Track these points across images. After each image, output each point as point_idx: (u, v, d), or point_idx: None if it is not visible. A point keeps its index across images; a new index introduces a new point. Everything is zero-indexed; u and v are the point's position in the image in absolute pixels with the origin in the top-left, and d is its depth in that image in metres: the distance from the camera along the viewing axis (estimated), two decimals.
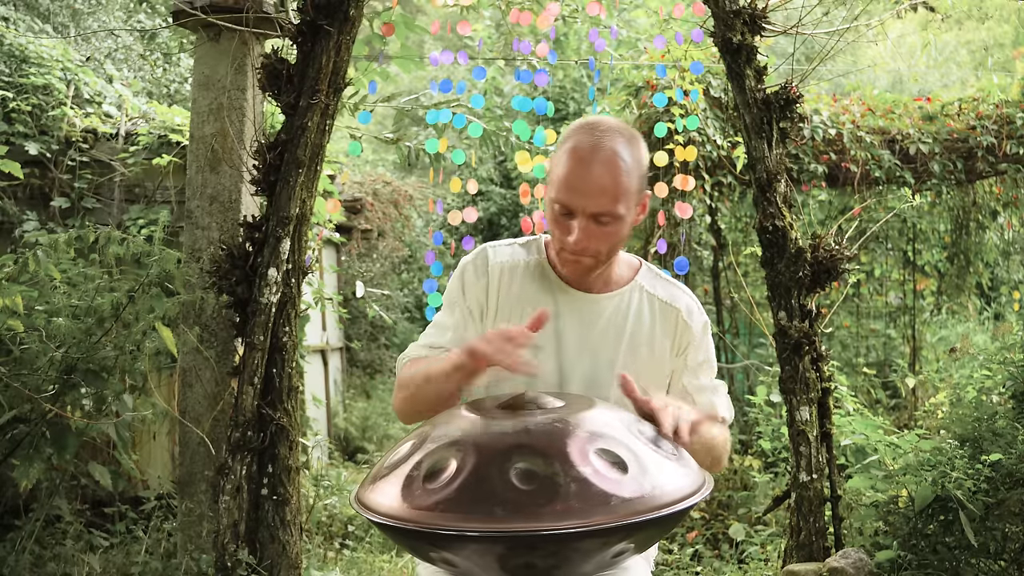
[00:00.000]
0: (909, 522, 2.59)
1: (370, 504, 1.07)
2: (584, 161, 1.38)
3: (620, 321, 1.53)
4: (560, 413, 1.12)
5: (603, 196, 1.38)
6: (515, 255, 1.56)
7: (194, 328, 2.91)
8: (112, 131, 4.51)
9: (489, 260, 1.55)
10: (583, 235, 1.40)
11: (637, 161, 1.43)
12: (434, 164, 4.14)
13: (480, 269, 1.54)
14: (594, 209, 1.39)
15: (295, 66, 2.69)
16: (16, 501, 3.31)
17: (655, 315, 1.56)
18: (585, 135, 1.41)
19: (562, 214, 1.41)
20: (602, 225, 1.40)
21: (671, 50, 4.48)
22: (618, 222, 1.41)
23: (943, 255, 6.67)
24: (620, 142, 1.40)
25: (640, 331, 1.54)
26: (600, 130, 1.41)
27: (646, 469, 1.04)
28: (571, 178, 1.39)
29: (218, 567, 2.57)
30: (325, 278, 6.42)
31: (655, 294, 1.57)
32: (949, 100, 5.65)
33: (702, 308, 1.62)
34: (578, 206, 1.39)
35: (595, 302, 1.53)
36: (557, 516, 0.96)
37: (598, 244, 1.42)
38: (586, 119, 1.48)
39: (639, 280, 1.58)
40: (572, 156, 1.40)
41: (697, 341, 1.58)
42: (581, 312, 1.52)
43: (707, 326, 1.61)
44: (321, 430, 6.18)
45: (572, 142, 1.41)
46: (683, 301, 1.58)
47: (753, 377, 5.66)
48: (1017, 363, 2.88)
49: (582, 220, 1.40)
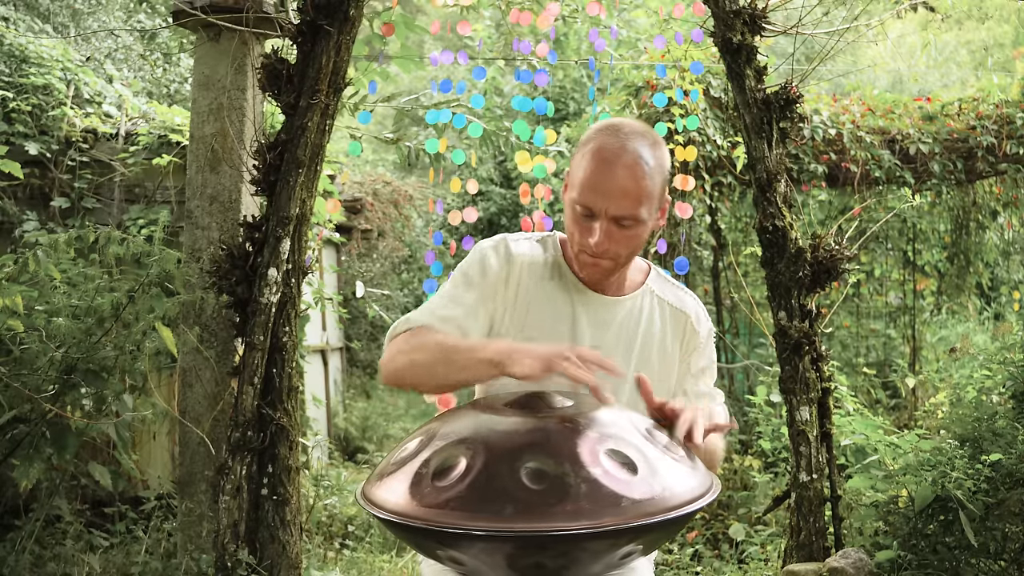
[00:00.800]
0: (909, 522, 2.59)
1: (377, 501, 1.06)
2: (607, 163, 1.37)
3: (632, 325, 1.53)
4: (570, 413, 1.11)
5: (625, 199, 1.37)
6: (534, 251, 1.53)
7: (194, 328, 2.91)
8: (112, 131, 4.51)
9: (512, 251, 1.50)
10: (604, 238, 1.38)
11: (660, 165, 1.41)
12: (434, 164, 4.14)
13: (503, 257, 1.49)
14: (616, 212, 1.37)
15: (295, 66, 2.69)
16: (16, 501, 3.31)
17: (665, 320, 1.56)
18: (610, 137, 1.39)
19: (583, 216, 1.40)
20: (623, 228, 1.39)
21: (671, 50, 4.48)
22: (639, 226, 1.40)
23: (943, 255, 6.67)
24: (644, 145, 1.39)
25: (651, 335, 1.54)
26: (624, 132, 1.39)
27: (656, 470, 1.04)
28: (594, 180, 1.37)
29: (218, 567, 2.57)
30: (325, 278, 6.42)
31: (665, 299, 1.57)
32: (949, 100, 5.65)
33: (707, 313, 1.63)
34: (600, 208, 1.37)
35: (609, 305, 1.52)
36: (567, 516, 0.96)
37: (618, 247, 1.41)
38: (609, 121, 1.45)
39: (649, 284, 1.58)
40: (595, 157, 1.38)
41: (702, 347, 1.59)
42: (596, 314, 1.52)
43: (712, 333, 1.62)
44: (321, 430, 6.18)
45: (595, 143, 1.39)
46: (692, 307, 1.59)
47: (753, 377, 5.66)
48: (1017, 363, 2.87)
49: (603, 222, 1.38)
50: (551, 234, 1.59)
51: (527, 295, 1.50)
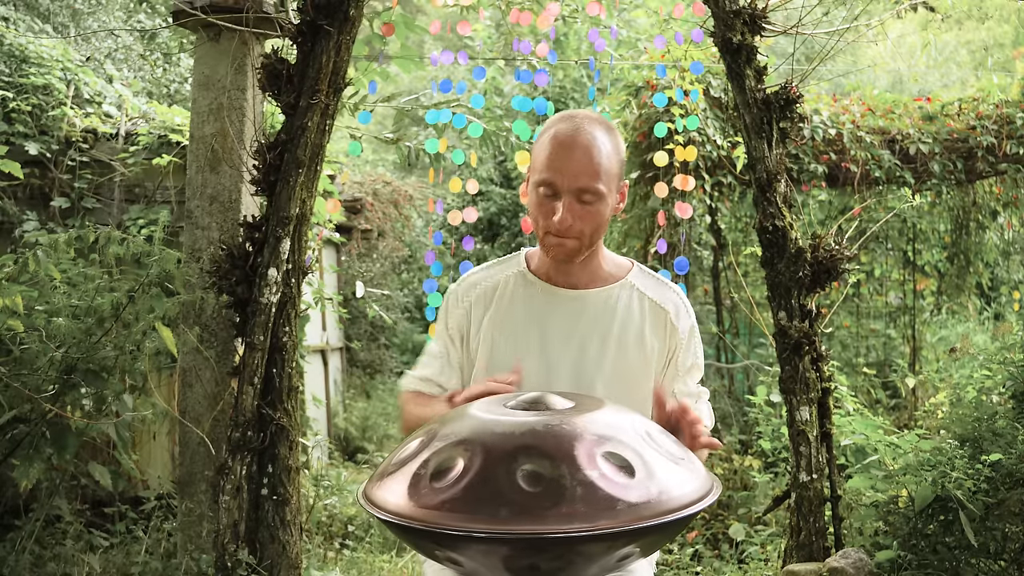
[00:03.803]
0: (909, 522, 2.59)
1: (377, 501, 1.06)
2: (565, 145, 1.46)
3: (607, 316, 1.55)
4: (568, 415, 1.11)
5: (585, 173, 1.44)
6: (492, 276, 1.62)
7: (194, 328, 2.91)
8: (112, 131, 4.51)
9: (471, 284, 1.63)
10: (567, 213, 1.45)
11: (616, 148, 1.50)
12: (434, 164, 4.14)
13: (460, 296, 1.62)
14: (577, 184, 1.44)
15: (295, 66, 2.69)
16: (16, 501, 3.31)
17: (645, 314, 1.57)
18: (566, 123, 1.48)
19: (546, 196, 1.47)
20: (585, 204, 1.45)
21: (671, 50, 4.48)
22: (600, 201, 1.46)
23: (943, 255, 6.67)
24: (599, 129, 1.48)
25: (629, 328, 1.55)
26: (579, 119, 1.49)
27: (653, 473, 1.04)
28: (554, 159, 1.46)
29: (218, 567, 2.57)
30: (325, 278, 6.42)
31: (646, 293, 1.59)
32: (949, 100, 5.65)
33: (691, 309, 1.64)
34: (562, 183, 1.45)
35: (580, 297, 1.56)
36: (563, 519, 0.95)
37: (582, 224, 1.46)
38: (565, 112, 1.55)
39: (630, 279, 1.59)
40: (554, 141, 1.47)
41: (685, 344, 1.60)
42: (567, 308, 1.55)
43: (694, 328, 1.62)
44: (321, 430, 6.18)
45: (553, 130, 1.49)
46: (672, 303, 1.60)
47: (753, 377, 5.66)
48: (1017, 363, 2.87)
49: (566, 198, 1.45)
50: (515, 253, 1.66)
51: (491, 315, 1.57)
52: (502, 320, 1.55)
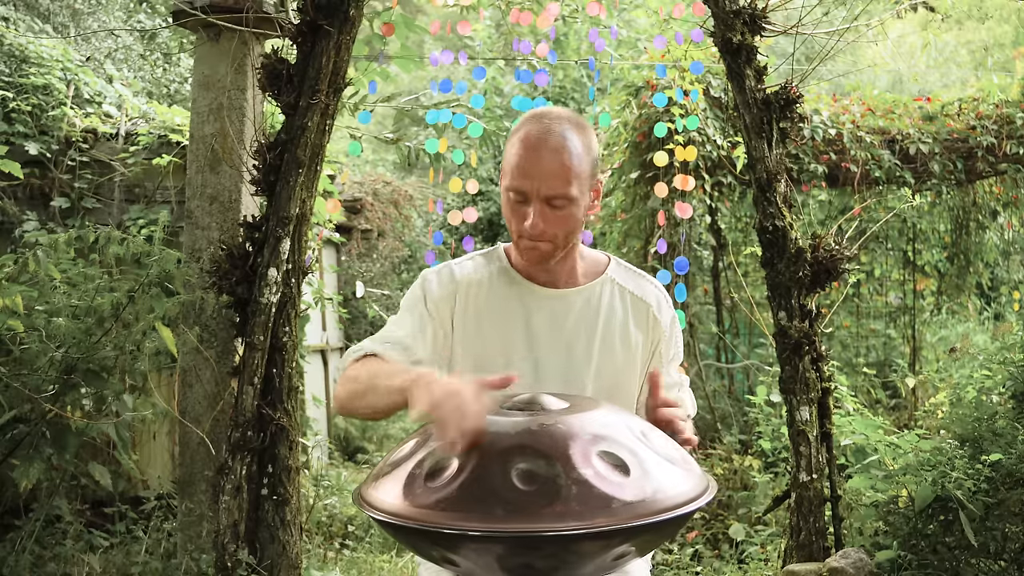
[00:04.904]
0: (909, 522, 2.59)
1: (372, 501, 1.07)
2: (534, 148, 1.42)
3: (592, 315, 1.55)
4: (563, 414, 1.11)
5: (555, 179, 1.41)
6: (478, 268, 1.58)
7: (194, 328, 2.91)
8: (112, 131, 4.51)
9: (455, 273, 1.56)
10: (539, 219, 1.43)
11: (587, 147, 1.46)
12: (434, 164, 4.14)
13: (445, 279, 1.54)
14: (547, 192, 1.42)
15: (295, 66, 2.69)
16: (16, 501, 3.31)
17: (627, 308, 1.57)
18: (535, 124, 1.45)
19: (517, 201, 1.44)
20: (556, 209, 1.43)
21: (671, 50, 4.48)
22: (572, 205, 1.44)
23: (943, 255, 6.67)
24: (569, 128, 1.44)
25: (613, 324, 1.55)
26: (550, 118, 1.46)
27: (648, 472, 1.04)
28: (523, 164, 1.43)
29: (218, 567, 2.57)
30: (325, 278, 6.42)
31: (626, 287, 1.59)
32: (949, 100, 5.65)
33: (670, 300, 1.64)
34: (531, 190, 1.42)
35: (564, 297, 1.55)
36: (557, 518, 0.95)
37: (554, 228, 1.44)
38: (536, 109, 1.52)
39: (610, 273, 1.59)
40: (523, 144, 1.44)
41: (667, 336, 1.60)
42: (552, 308, 1.54)
43: (676, 320, 1.63)
44: (321, 430, 6.18)
45: (523, 131, 1.45)
46: (653, 296, 1.60)
47: (753, 377, 5.66)
48: (1017, 363, 2.87)
49: (537, 204, 1.43)
50: (495, 247, 1.63)
51: (476, 311, 1.53)
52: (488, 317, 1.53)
